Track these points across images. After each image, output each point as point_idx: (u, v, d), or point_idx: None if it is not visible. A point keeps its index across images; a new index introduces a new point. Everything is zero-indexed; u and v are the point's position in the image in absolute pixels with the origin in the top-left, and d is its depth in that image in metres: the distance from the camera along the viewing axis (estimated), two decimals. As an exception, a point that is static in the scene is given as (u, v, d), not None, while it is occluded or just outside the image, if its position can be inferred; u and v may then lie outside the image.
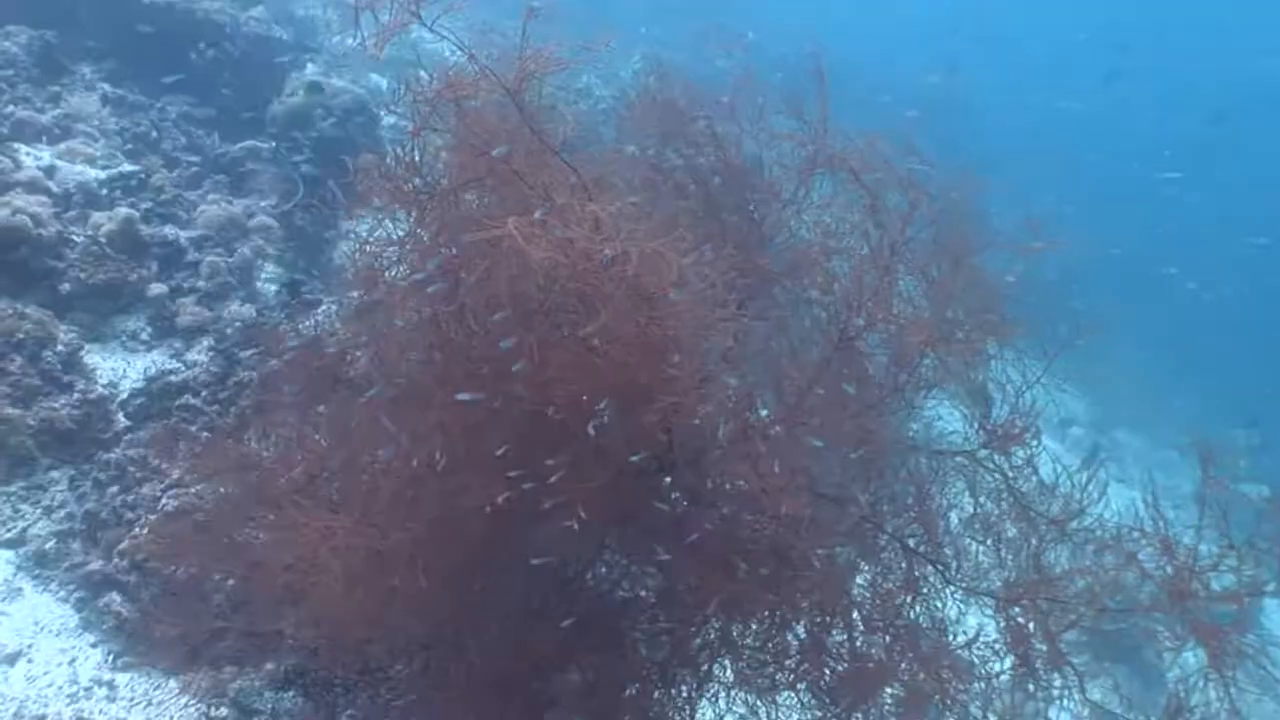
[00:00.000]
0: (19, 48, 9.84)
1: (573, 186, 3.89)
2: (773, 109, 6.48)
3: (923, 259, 5.08)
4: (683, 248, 3.64)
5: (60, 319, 7.51)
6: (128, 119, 10.07)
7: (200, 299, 8.10)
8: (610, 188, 3.90)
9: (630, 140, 7.05)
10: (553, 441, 3.74)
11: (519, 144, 4.01)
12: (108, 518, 6.48)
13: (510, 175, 3.76)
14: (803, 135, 6.21)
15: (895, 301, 4.99)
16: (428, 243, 3.88)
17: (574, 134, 5.28)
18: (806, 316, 5.38)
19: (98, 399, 7.11)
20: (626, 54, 21.35)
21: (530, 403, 3.57)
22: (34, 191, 7.98)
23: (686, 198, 6.02)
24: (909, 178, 4.92)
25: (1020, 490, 5.25)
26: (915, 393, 5.10)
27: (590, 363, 3.53)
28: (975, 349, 4.95)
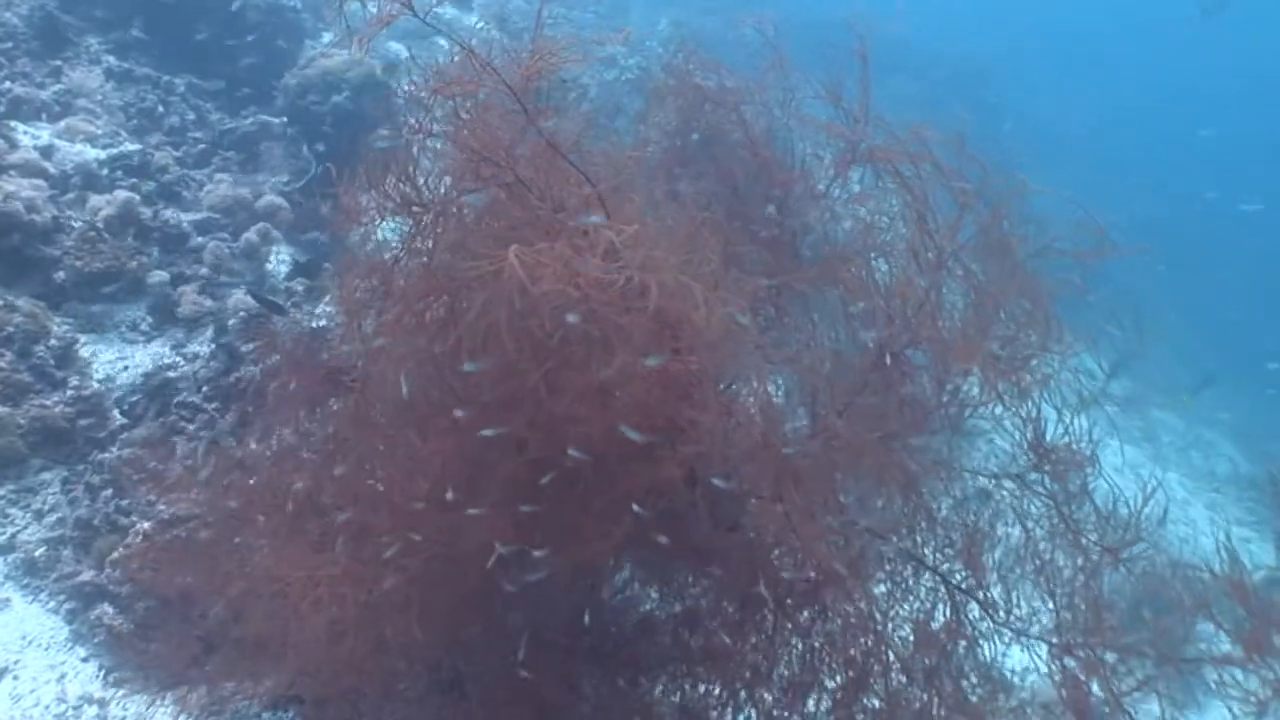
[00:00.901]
0: (19, 19, 9.45)
1: (586, 197, 3.45)
2: (808, 92, 6.01)
3: (971, 264, 4.63)
4: (708, 271, 3.22)
5: (55, 310, 7.17)
6: (133, 93, 9.66)
7: (203, 287, 7.73)
8: (629, 199, 3.45)
9: (654, 129, 6.61)
10: (562, 481, 3.34)
11: (526, 146, 3.57)
12: (100, 524, 6.16)
13: (515, 184, 3.33)
14: (840, 124, 5.77)
15: (941, 313, 4.56)
16: (419, 274, 3.46)
17: (591, 123, 4.84)
18: (841, 324, 4.94)
19: (93, 395, 6.77)
20: (656, 16, 20.77)
21: (536, 445, 3.17)
22: (29, 174, 7.61)
23: (711, 199, 5.58)
24: (958, 178, 4.46)
25: (1073, 517, 4.82)
26: (960, 412, 4.66)
27: (605, 402, 3.11)
28: (1026, 367, 4.50)
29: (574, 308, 2.87)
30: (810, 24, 23.70)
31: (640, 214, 3.56)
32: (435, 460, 3.60)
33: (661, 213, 3.95)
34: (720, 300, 3.35)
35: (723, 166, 5.74)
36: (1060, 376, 4.79)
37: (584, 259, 2.87)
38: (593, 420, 3.08)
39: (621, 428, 3.01)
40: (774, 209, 5.37)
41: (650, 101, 7.63)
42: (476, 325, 2.94)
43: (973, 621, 4.44)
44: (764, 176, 5.52)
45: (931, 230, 4.37)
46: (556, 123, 4.18)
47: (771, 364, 4.88)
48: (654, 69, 15.53)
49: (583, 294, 2.87)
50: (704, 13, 20.86)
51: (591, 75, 14.67)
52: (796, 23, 22.64)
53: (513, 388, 3.08)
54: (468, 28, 16.06)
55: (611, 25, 17.61)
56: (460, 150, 3.46)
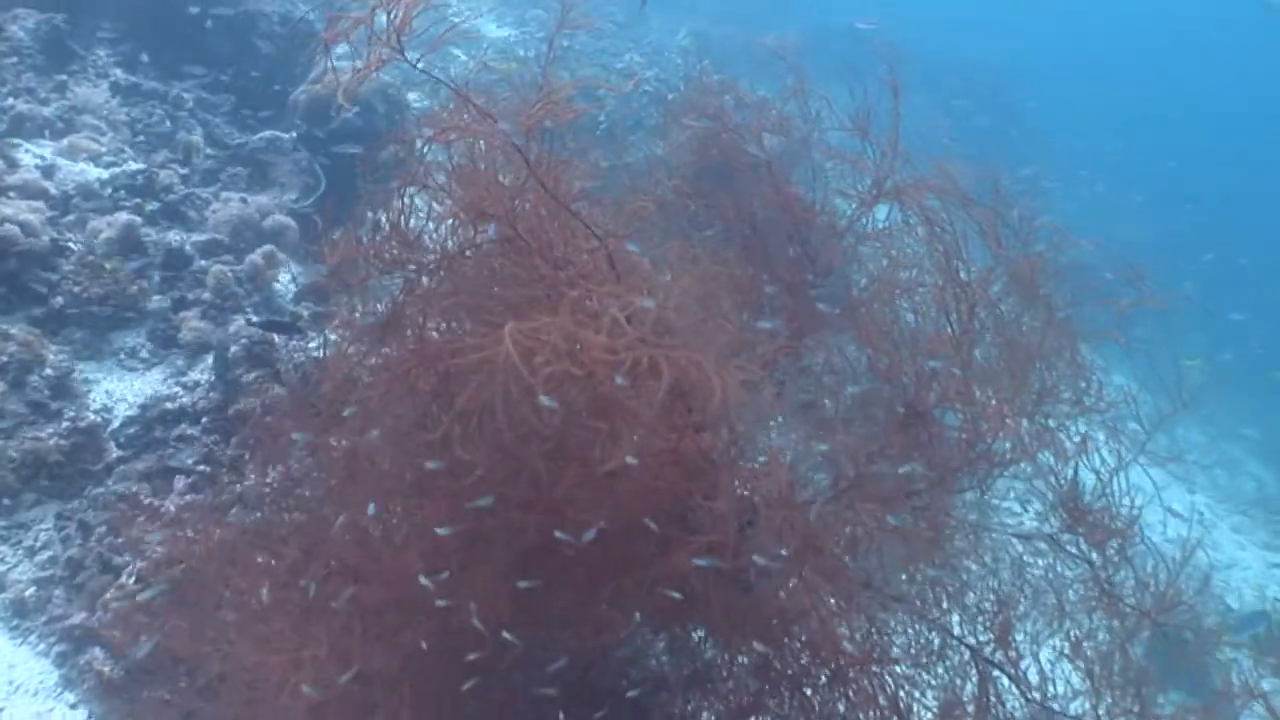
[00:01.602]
0: (26, 33, 9.27)
1: (593, 253, 3.20)
2: (830, 121, 5.75)
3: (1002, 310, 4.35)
4: (725, 341, 2.96)
5: (52, 336, 6.97)
6: (140, 108, 9.48)
7: (205, 312, 7.52)
8: (637, 265, 3.19)
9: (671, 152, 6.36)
10: (565, 564, 3.08)
11: (529, 199, 3.32)
12: (92, 564, 5.95)
13: (516, 237, 3.07)
14: (861, 152, 5.50)
15: (973, 367, 4.28)
16: (411, 341, 3.21)
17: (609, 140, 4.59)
18: (864, 371, 4.67)
19: (88, 427, 6.56)
20: (675, 26, 20.49)
21: (536, 527, 2.91)
22: (29, 195, 7.42)
23: (727, 235, 5.32)
24: (990, 224, 4.18)
25: (1111, 581, 4.54)
26: (990, 470, 4.39)
27: (609, 485, 2.85)
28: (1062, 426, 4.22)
29: (576, 387, 2.62)
30: (827, 33, 23.47)
31: (650, 274, 3.31)
32: (430, 530, 3.35)
33: (674, 263, 3.70)
34: (736, 370, 3.08)
35: (740, 200, 5.48)
36: (1095, 427, 4.53)
37: (588, 331, 2.61)
38: (596, 505, 2.83)
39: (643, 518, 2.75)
40: (796, 250, 5.11)
41: (667, 121, 7.37)
42: (469, 407, 2.69)
43: (1004, 698, 4.17)
44: (784, 212, 5.26)
45: (962, 280, 4.09)
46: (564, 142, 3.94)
47: (789, 417, 4.63)
48: (673, 80, 15.27)
49: (587, 371, 2.62)
50: (722, 22, 20.60)
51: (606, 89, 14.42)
52: (813, 33, 22.41)
53: (509, 468, 2.83)
54: (484, 37, 15.85)
55: (630, 36, 17.37)
56: (456, 204, 3.21)
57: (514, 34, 16.17)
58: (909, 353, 4.11)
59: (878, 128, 5.28)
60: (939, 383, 3.96)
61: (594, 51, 15.56)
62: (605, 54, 15.82)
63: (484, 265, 3.23)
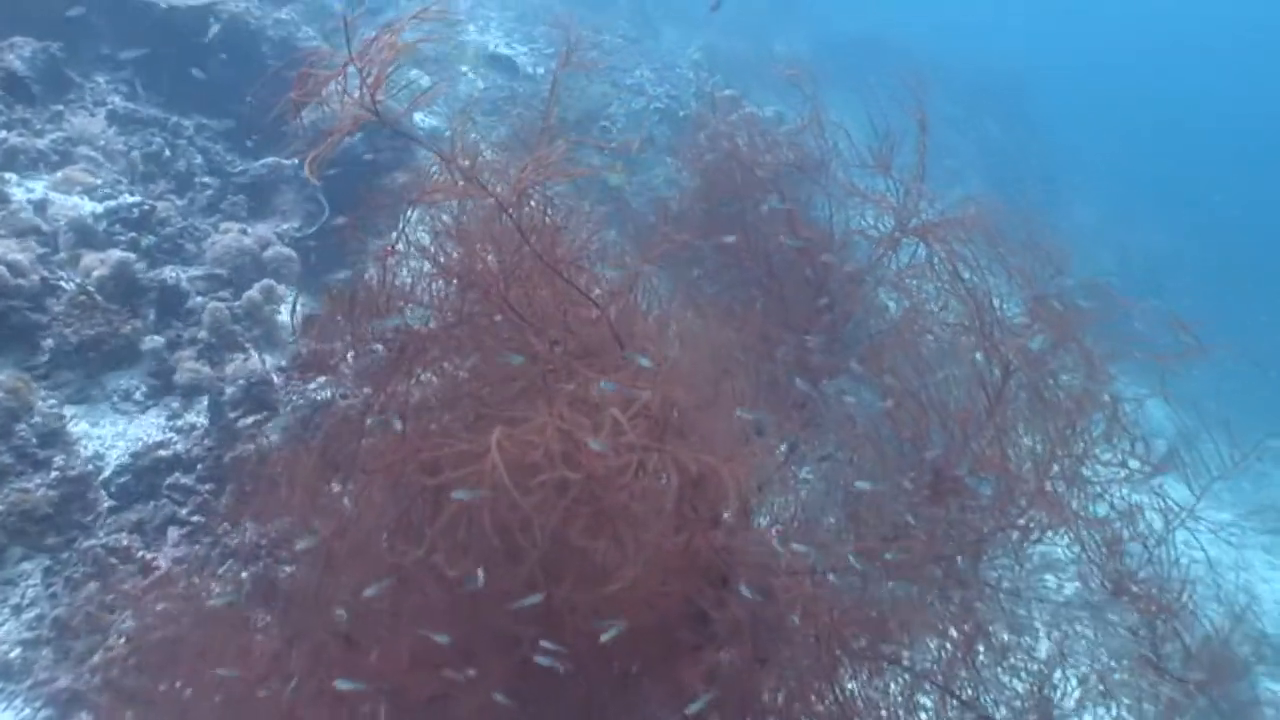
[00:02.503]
0: (22, 62, 9.05)
1: (595, 323, 2.92)
2: (852, 153, 5.47)
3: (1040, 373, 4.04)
4: (738, 424, 2.68)
5: (42, 380, 6.73)
6: (138, 136, 9.25)
7: (201, 351, 7.27)
8: (644, 331, 2.91)
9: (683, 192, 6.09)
10: (561, 680, 2.80)
11: (521, 262, 3.04)
12: (81, 624, 5.70)
13: (506, 312, 2.80)
14: (878, 184, 5.23)
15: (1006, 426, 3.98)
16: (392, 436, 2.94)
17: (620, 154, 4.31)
18: (887, 433, 4.37)
19: (79, 476, 6.31)
20: (686, 40, 20.21)
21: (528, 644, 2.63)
22: (20, 232, 7.20)
23: (742, 278, 5.03)
24: (1027, 277, 3.89)
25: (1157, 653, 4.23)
26: (1025, 539, 4.08)
27: (613, 593, 2.57)
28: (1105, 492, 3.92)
29: (574, 490, 2.34)
30: (840, 44, 23.21)
31: (657, 339, 3.03)
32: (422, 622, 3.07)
33: (683, 321, 3.43)
34: (750, 454, 2.80)
35: (755, 240, 5.20)
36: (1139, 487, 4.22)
37: (587, 426, 2.33)
38: (598, 613, 2.55)
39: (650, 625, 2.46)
40: (814, 295, 4.82)
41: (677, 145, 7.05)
42: (453, 528, 2.43)
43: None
44: (801, 254, 4.97)
45: (996, 338, 3.80)
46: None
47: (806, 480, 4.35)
48: (684, 96, 15.00)
49: (585, 473, 2.34)
50: (734, 34, 20.30)
51: (620, 104, 14.18)
52: (826, 44, 22.07)
53: (501, 572, 2.55)
54: (490, 53, 15.61)
55: (640, 50, 17.10)
56: (444, 275, 2.95)
57: (523, 50, 15.91)
58: (937, 416, 3.81)
59: (897, 153, 5.01)
60: (971, 449, 3.67)
61: (603, 68, 15.29)
62: (615, 70, 15.55)
63: (475, 341, 2.96)
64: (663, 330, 3.23)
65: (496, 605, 2.63)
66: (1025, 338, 3.78)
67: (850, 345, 4.97)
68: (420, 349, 3.07)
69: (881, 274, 4.84)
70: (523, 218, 3.05)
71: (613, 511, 2.42)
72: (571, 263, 3.13)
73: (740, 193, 5.35)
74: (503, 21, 17.09)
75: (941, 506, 3.76)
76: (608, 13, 19.42)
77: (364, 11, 14.04)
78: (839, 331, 4.87)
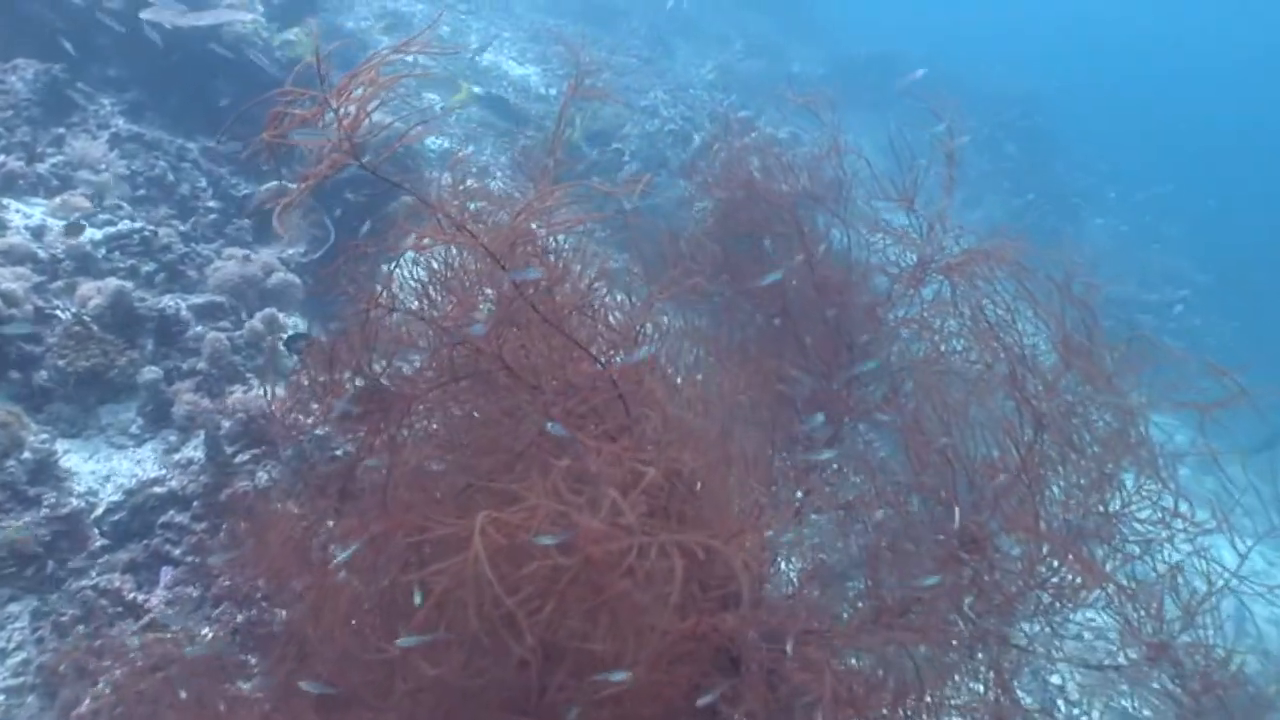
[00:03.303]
0: (24, 84, 8.92)
1: (595, 379, 2.69)
2: (873, 185, 5.24)
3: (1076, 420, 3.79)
4: (752, 501, 2.45)
5: (35, 412, 6.54)
6: (141, 160, 9.08)
7: (200, 383, 7.07)
8: (650, 391, 2.69)
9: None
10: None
11: (516, 315, 2.82)
12: (67, 670, 5.48)
13: (499, 369, 2.57)
14: (903, 221, 5.00)
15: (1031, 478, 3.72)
16: (372, 506, 2.71)
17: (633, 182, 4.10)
18: (908, 485, 4.11)
19: (70, 514, 6.11)
20: (701, 60, 20.04)
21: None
22: (15, 260, 7.02)
23: (756, 315, 4.80)
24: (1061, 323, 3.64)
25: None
26: (1057, 602, 3.83)
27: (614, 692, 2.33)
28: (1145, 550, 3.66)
29: (568, 577, 2.11)
30: (857, 62, 23.00)
31: (665, 397, 2.79)
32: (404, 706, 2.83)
33: (695, 379, 3.20)
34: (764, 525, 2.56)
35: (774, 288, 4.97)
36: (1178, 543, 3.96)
37: (583, 504, 2.10)
38: (597, 709, 2.31)
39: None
40: (831, 335, 4.58)
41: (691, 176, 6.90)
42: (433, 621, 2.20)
43: None
44: (819, 292, 4.74)
45: (1028, 390, 3.55)
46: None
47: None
48: (698, 118, 14.81)
49: (580, 557, 2.11)
50: (750, 55, 20.13)
51: (633, 125, 13.98)
52: (843, 62, 21.83)
53: (488, 662, 2.32)
54: (505, 75, 15.45)
55: (654, 70, 16.93)
56: (431, 329, 2.73)
57: (535, 71, 15.75)
58: (963, 470, 3.57)
59: (916, 179, 4.78)
60: (1000, 511, 3.42)
61: (617, 89, 15.12)
62: (628, 90, 15.37)
63: (464, 402, 2.74)
64: (671, 386, 3.00)
65: (486, 694, 2.39)
66: (1058, 389, 3.53)
67: (870, 386, 4.73)
68: (405, 409, 2.85)
69: (904, 313, 4.61)
70: (520, 260, 2.83)
71: (612, 600, 2.19)
72: (574, 309, 2.91)
73: (756, 226, 5.13)
74: (516, 41, 16.95)
75: (967, 566, 3.51)
76: (621, 32, 19.29)
77: (345, 42, 13.94)
78: (858, 372, 4.63)
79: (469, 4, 17.22)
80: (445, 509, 2.39)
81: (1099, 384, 3.54)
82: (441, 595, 2.12)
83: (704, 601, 2.46)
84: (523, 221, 2.84)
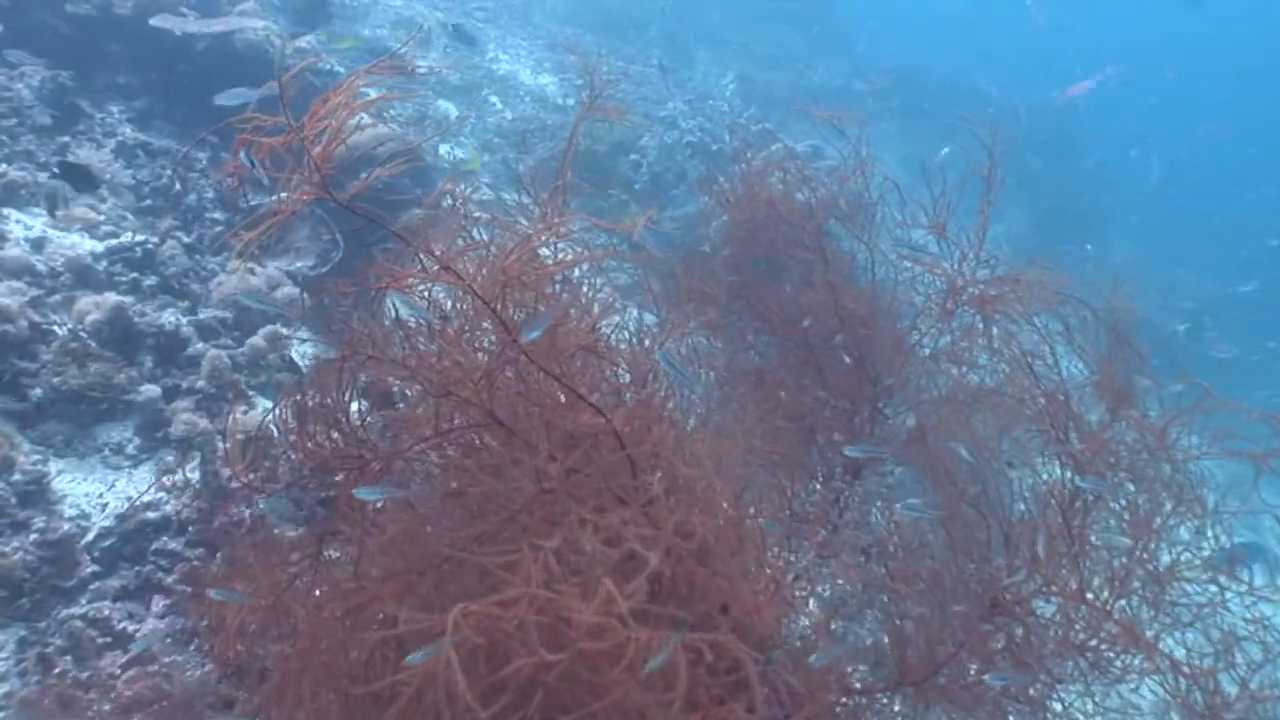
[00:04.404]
0: (30, 90, 8.74)
1: (601, 431, 2.44)
2: (900, 205, 4.98)
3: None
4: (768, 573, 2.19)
5: (28, 431, 6.33)
6: (148, 169, 8.91)
7: (199, 402, 6.86)
8: (663, 438, 2.43)
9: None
10: None
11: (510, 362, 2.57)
12: (50, 705, 5.26)
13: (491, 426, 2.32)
14: (929, 241, 4.73)
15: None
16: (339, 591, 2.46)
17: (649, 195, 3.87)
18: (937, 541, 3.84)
19: (61, 538, 5.89)
20: (721, 70, 19.79)
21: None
22: (12, 273, 6.83)
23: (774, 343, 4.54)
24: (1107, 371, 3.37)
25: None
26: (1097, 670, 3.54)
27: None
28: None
29: (559, 671, 1.86)
30: (876, 73, 22.69)
31: (677, 456, 2.54)
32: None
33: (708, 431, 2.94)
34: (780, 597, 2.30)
35: (790, 304, 4.71)
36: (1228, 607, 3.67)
37: (573, 589, 1.85)
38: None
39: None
40: (854, 367, 4.32)
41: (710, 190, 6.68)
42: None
43: None
44: (842, 323, 4.47)
45: (1072, 444, 3.28)
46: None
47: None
48: (717, 130, 14.56)
49: (572, 651, 1.86)
50: (770, 66, 19.87)
51: (651, 136, 13.73)
52: (865, 74, 21.52)
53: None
54: (521, 84, 15.25)
55: (673, 80, 16.69)
56: (414, 380, 2.48)
57: (552, 81, 15.54)
58: (998, 524, 3.29)
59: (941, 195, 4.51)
60: (1041, 570, 3.14)
61: (635, 99, 14.88)
62: (647, 101, 15.14)
63: (448, 464, 2.50)
64: (681, 431, 2.74)
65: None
66: (1102, 439, 3.26)
67: (896, 424, 4.47)
68: (385, 468, 2.61)
69: (932, 347, 4.34)
70: (517, 301, 2.59)
71: (608, 699, 1.94)
72: (577, 353, 2.66)
73: (776, 250, 4.87)
74: (533, 50, 16.74)
75: (1000, 630, 3.25)
76: (639, 41, 19.07)
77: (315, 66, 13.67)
78: (883, 408, 4.37)
79: (486, 12, 17.03)
80: (422, 585, 2.14)
81: (1149, 436, 3.27)
82: (418, 688, 1.88)
83: (712, 687, 2.21)
84: (515, 263, 2.59)
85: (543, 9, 19.05)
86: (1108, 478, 3.22)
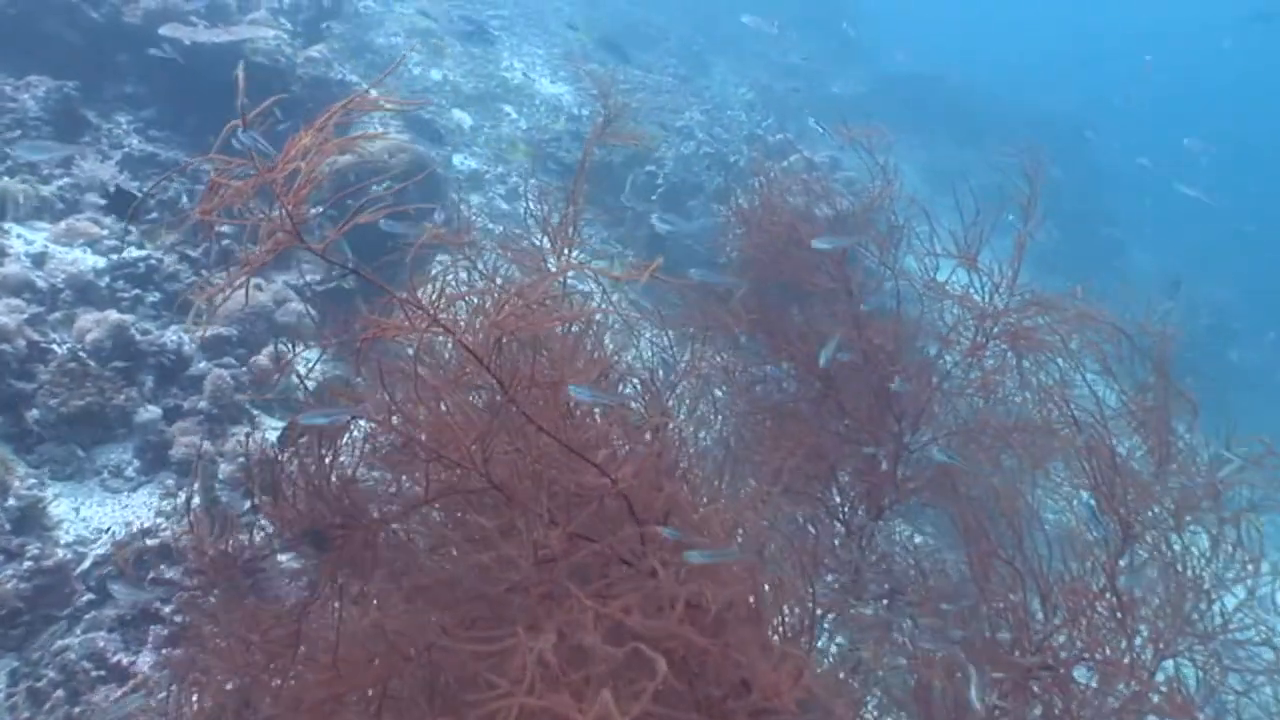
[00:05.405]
0: (35, 101, 8.60)
1: (607, 491, 2.23)
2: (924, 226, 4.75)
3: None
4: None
5: (24, 454, 6.16)
6: (153, 183, 8.74)
7: (201, 423, 6.68)
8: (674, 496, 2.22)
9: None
10: None
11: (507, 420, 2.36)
12: (41, 742, 5.08)
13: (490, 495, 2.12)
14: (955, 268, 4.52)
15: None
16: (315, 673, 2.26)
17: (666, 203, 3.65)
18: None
19: (56, 566, 5.71)
20: (739, 79, 19.58)
21: None
22: (10, 290, 6.66)
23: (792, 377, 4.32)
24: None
25: None
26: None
27: None
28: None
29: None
30: (898, 83, 22.44)
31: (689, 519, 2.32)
32: None
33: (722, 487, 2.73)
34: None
35: (808, 336, 4.49)
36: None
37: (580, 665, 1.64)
38: None
39: None
40: (879, 404, 4.09)
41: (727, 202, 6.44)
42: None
43: None
44: (868, 357, 4.25)
45: (1118, 496, 3.05)
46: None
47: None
48: (735, 141, 14.34)
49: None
50: (788, 74, 19.64)
51: (668, 146, 13.52)
52: (884, 83, 21.27)
53: None
54: (537, 93, 15.07)
55: (691, 89, 16.49)
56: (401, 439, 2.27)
57: (568, 90, 15.36)
58: (1033, 582, 3.06)
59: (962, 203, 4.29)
60: (1077, 633, 2.92)
61: (651, 109, 14.68)
62: (664, 110, 14.93)
63: (440, 537, 2.29)
64: (694, 487, 2.53)
65: None
66: (1152, 495, 3.04)
67: (921, 462, 4.24)
68: (367, 542, 2.40)
69: (961, 380, 4.12)
70: (515, 352, 2.39)
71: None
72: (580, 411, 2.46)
73: (799, 276, 4.65)
74: (549, 59, 16.57)
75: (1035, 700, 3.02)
76: (656, 50, 18.86)
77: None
78: (908, 444, 4.15)
79: (502, 20, 16.86)
80: (406, 670, 1.94)
81: (1201, 491, 3.04)
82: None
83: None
84: (509, 317, 2.39)
85: (558, 17, 18.87)
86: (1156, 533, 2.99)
